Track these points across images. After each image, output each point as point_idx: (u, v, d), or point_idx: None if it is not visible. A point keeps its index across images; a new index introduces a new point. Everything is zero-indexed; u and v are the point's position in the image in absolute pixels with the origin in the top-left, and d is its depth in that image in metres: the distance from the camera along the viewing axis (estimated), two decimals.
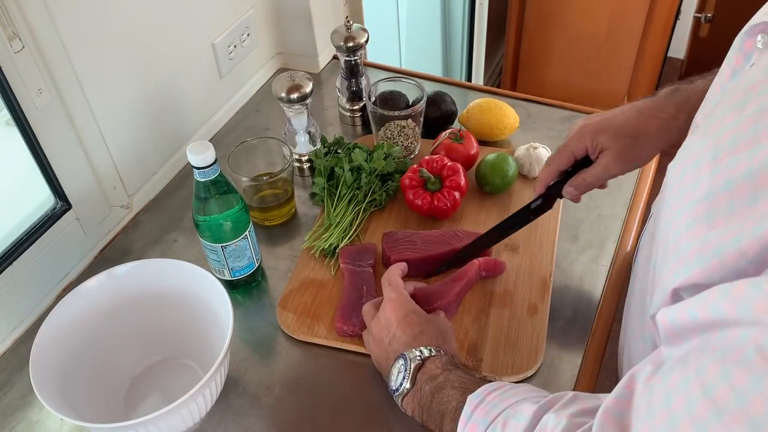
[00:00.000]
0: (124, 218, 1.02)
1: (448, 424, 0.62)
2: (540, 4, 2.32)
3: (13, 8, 0.75)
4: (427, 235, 0.92)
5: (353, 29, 1.10)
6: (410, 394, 0.68)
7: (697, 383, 0.38)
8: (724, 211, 0.40)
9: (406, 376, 0.68)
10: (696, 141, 0.47)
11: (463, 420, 0.58)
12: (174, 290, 0.81)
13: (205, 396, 0.71)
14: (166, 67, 1.03)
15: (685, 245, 0.44)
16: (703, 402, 0.37)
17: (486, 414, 0.57)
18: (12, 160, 0.89)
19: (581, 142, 0.75)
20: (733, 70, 0.51)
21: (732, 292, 0.38)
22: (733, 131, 0.43)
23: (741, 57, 0.50)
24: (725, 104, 0.46)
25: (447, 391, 0.64)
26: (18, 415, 0.80)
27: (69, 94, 0.85)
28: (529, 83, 2.54)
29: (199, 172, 0.78)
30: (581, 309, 0.88)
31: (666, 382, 0.42)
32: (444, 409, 0.63)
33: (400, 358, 0.71)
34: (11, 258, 0.84)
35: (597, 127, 0.75)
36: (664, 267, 0.47)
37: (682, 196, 0.46)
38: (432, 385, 0.66)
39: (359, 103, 1.18)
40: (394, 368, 0.71)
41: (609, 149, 0.74)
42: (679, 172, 0.48)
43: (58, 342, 0.74)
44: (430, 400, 0.65)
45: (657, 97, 0.75)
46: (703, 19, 2.32)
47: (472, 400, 0.59)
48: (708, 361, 0.38)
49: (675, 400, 0.39)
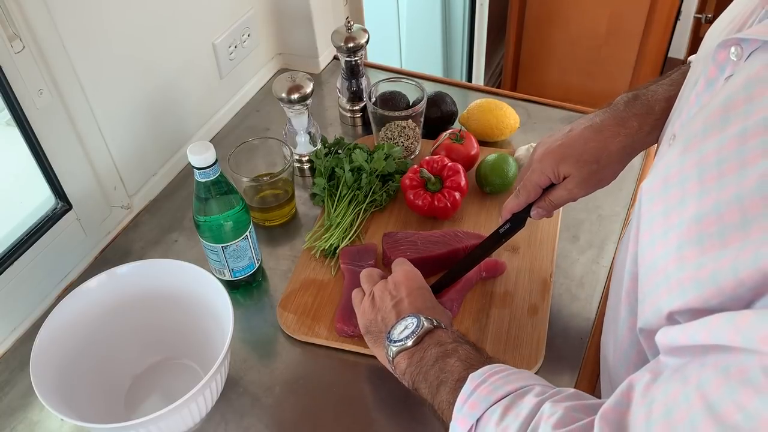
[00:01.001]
0: (124, 218, 1.02)
1: (444, 394, 0.61)
2: (540, 5, 2.32)
3: (14, 9, 0.75)
4: (427, 236, 0.92)
5: (354, 30, 1.10)
6: (408, 352, 0.67)
7: (700, 398, 0.38)
8: (715, 236, 0.41)
9: (413, 334, 0.67)
10: (675, 157, 0.47)
11: (463, 396, 0.58)
12: (174, 291, 0.81)
13: (205, 396, 0.71)
14: (166, 67, 1.03)
15: (675, 268, 0.44)
16: (707, 418, 0.37)
17: (488, 394, 0.57)
18: (12, 161, 0.89)
19: (543, 174, 0.75)
20: (708, 80, 0.51)
21: (736, 321, 0.38)
22: (717, 151, 0.43)
23: (715, 68, 0.50)
24: (703, 118, 0.46)
25: (452, 360, 0.63)
26: (18, 416, 0.81)
27: (69, 94, 0.86)
28: (529, 83, 2.54)
29: (200, 172, 0.78)
30: (581, 309, 0.88)
31: (666, 394, 0.42)
32: (444, 377, 0.62)
33: (413, 317, 0.70)
34: (12, 258, 0.84)
35: (558, 156, 0.74)
36: (652, 287, 0.47)
37: (667, 214, 0.46)
38: (438, 350, 0.65)
39: (359, 104, 1.18)
40: (401, 323, 0.70)
41: (572, 176, 0.74)
42: (660, 189, 0.48)
43: (58, 342, 0.74)
44: (432, 364, 0.64)
45: (616, 109, 0.73)
46: (704, 19, 2.32)
47: (474, 379, 0.59)
48: (710, 377, 0.39)
49: (676, 414, 0.39)
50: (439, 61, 2.25)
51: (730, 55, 0.48)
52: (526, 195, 0.78)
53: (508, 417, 0.54)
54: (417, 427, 0.78)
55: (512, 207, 0.80)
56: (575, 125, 0.75)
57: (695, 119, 0.48)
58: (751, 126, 0.41)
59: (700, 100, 0.52)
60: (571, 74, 2.45)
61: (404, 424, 0.78)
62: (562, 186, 0.75)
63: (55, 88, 0.83)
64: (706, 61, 0.52)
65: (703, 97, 0.51)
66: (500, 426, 0.53)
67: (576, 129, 0.74)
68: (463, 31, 2.18)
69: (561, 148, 0.74)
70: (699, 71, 0.54)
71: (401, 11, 1.88)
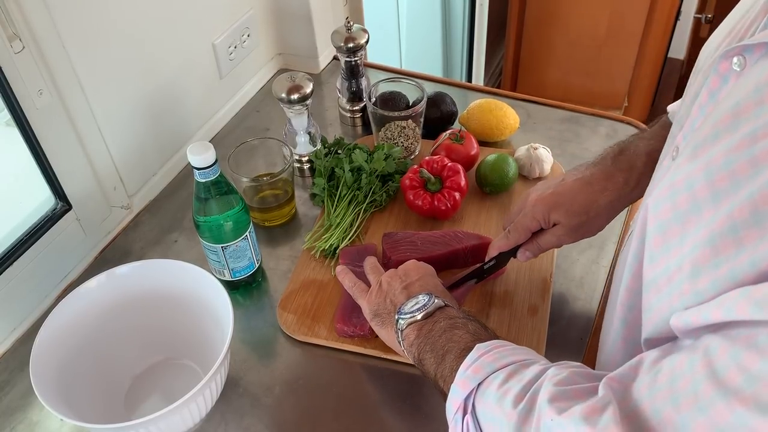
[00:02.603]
0: (124, 219, 1.02)
1: (449, 362, 0.62)
2: (540, 5, 2.32)
3: (14, 9, 0.75)
4: (427, 236, 0.92)
5: (353, 30, 1.10)
6: (417, 324, 0.69)
7: (704, 364, 0.39)
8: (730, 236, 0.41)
9: (424, 307, 0.69)
10: (683, 164, 0.48)
11: (467, 362, 0.59)
12: (174, 291, 0.81)
13: (205, 396, 0.71)
14: (166, 67, 1.03)
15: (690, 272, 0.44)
16: (708, 382, 0.38)
17: (493, 361, 0.58)
18: (12, 161, 0.89)
19: (534, 219, 0.79)
20: (710, 92, 0.52)
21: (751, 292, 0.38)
22: (726, 153, 0.43)
23: (717, 79, 0.51)
24: (712, 125, 0.46)
25: (460, 332, 0.65)
26: (18, 416, 0.81)
27: (69, 94, 0.86)
28: (529, 84, 2.55)
29: (200, 172, 0.78)
30: (581, 309, 0.88)
31: (672, 363, 0.42)
32: (451, 347, 0.63)
33: (425, 294, 0.71)
34: (12, 258, 0.84)
35: (550, 204, 0.77)
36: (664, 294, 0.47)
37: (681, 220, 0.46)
38: (448, 323, 0.67)
39: (359, 104, 1.18)
40: (413, 300, 0.71)
41: (561, 224, 0.78)
42: (667, 195, 0.48)
43: (58, 342, 0.74)
44: (440, 334, 0.66)
45: (604, 164, 0.77)
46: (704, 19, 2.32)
47: (480, 348, 0.60)
48: (716, 344, 0.39)
49: (680, 382, 0.40)
50: (439, 61, 2.25)
51: (733, 65, 0.48)
52: (516, 237, 0.81)
53: (511, 381, 0.54)
54: (417, 426, 0.78)
55: (501, 246, 0.83)
56: (567, 176, 0.79)
57: (702, 127, 0.48)
58: (761, 126, 0.41)
59: (704, 111, 0.52)
60: (571, 74, 2.45)
61: (404, 424, 0.78)
62: (551, 232, 0.79)
63: (55, 88, 0.83)
64: (707, 72, 0.52)
65: (707, 108, 0.52)
66: (502, 389, 0.54)
67: (568, 180, 0.78)
68: (463, 31, 2.18)
69: (553, 196, 0.78)
70: (699, 84, 0.54)
71: (401, 11, 1.88)
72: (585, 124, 1.15)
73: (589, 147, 1.11)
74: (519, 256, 0.83)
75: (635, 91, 2.42)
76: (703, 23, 2.33)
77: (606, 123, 1.15)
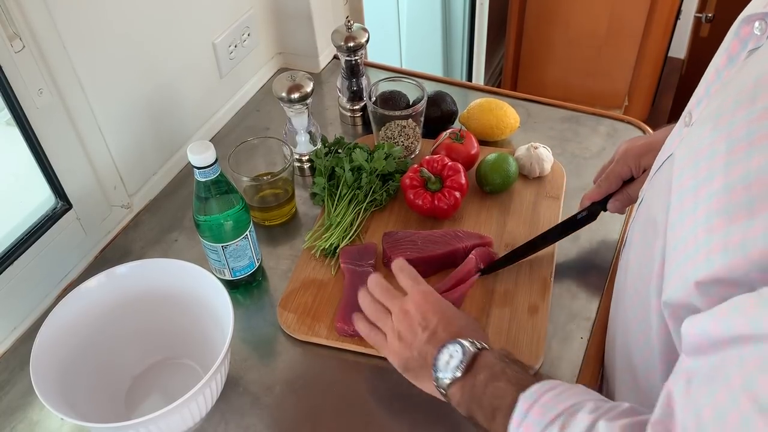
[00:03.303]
0: (124, 218, 1.02)
1: (500, 418, 0.59)
2: (540, 4, 2.32)
3: (14, 8, 0.75)
4: (427, 235, 0.92)
5: (354, 29, 1.10)
6: (459, 382, 0.64)
7: (748, 399, 0.38)
8: (743, 206, 0.41)
9: (461, 363, 0.64)
10: (707, 133, 0.48)
11: (517, 419, 0.57)
12: (174, 290, 0.81)
13: (205, 396, 0.71)
14: (166, 66, 1.03)
15: (704, 239, 0.44)
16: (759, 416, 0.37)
17: (542, 415, 0.55)
18: (12, 160, 0.89)
19: (626, 165, 0.82)
20: (730, 56, 0.52)
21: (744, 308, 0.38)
22: (746, 124, 0.43)
23: (737, 43, 0.51)
24: (731, 94, 0.46)
25: (502, 384, 0.61)
26: (18, 415, 0.81)
27: (69, 93, 0.86)
28: (529, 83, 2.54)
29: (200, 171, 0.78)
30: (581, 308, 0.88)
31: (712, 397, 0.41)
32: (498, 404, 0.60)
33: (455, 344, 0.66)
34: (12, 258, 0.84)
35: (640, 151, 0.80)
36: (681, 257, 0.48)
37: (696, 188, 0.47)
38: (488, 374, 0.63)
39: (360, 103, 1.18)
40: (444, 354, 0.66)
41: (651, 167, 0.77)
42: (691, 164, 0.49)
43: (58, 342, 0.74)
44: (483, 390, 0.62)
45: None
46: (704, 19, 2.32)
47: (525, 399, 0.57)
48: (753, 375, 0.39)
49: (729, 417, 0.39)
50: (439, 60, 2.25)
51: (754, 29, 0.49)
52: (607, 185, 0.84)
53: None
54: (417, 426, 0.78)
55: (593, 196, 0.86)
56: (659, 130, 0.82)
57: (726, 94, 0.48)
58: None
59: (721, 75, 0.52)
60: (571, 74, 2.45)
61: (404, 424, 0.78)
62: (640, 180, 0.81)
63: (55, 87, 0.83)
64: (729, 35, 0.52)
65: (724, 73, 0.52)
66: None
67: (659, 132, 0.80)
68: (463, 30, 2.18)
69: (644, 144, 0.81)
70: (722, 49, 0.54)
71: (401, 11, 1.88)
72: (585, 124, 1.15)
73: (590, 146, 1.11)
74: (609, 207, 0.85)
75: (635, 90, 2.42)
76: (704, 22, 2.32)
77: (606, 122, 1.15)
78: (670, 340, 0.55)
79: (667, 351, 0.57)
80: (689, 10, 2.40)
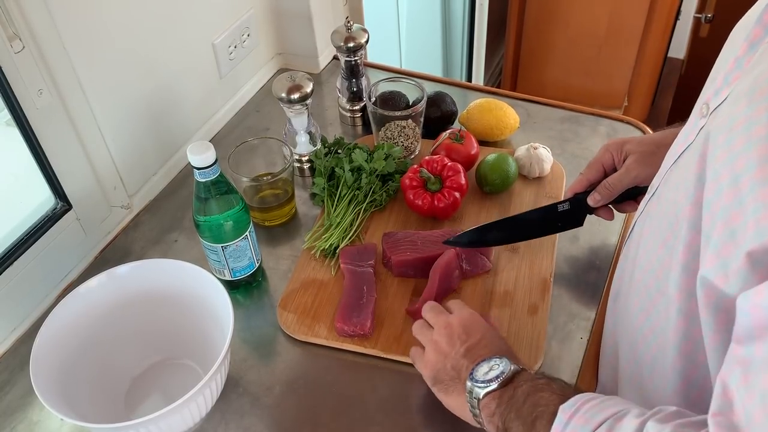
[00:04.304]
0: (124, 218, 1.02)
1: (540, 427, 0.58)
2: (540, 4, 2.32)
3: (14, 8, 0.75)
4: (427, 236, 0.92)
5: (353, 29, 1.10)
6: (497, 392, 0.63)
7: None
8: None
9: (502, 374, 0.64)
10: (742, 108, 0.48)
11: (558, 428, 0.55)
12: (174, 290, 0.81)
13: (205, 396, 0.71)
14: (166, 67, 1.03)
15: (752, 208, 0.44)
16: None
17: (585, 422, 0.54)
18: (12, 161, 0.89)
19: (608, 151, 0.84)
20: (750, 42, 0.51)
21: None
22: None
23: (760, 29, 0.51)
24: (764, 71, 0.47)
25: (546, 394, 0.60)
26: (18, 415, 0.81)
27: (69, 94, 0.86)
28: (529, 83, 2.54)
29: (200, 172, 0.78)
30: (581, 309, 0.88)
31: None
32: (540, 412, 0.59)
33: (499, 358, 0.66)
34: (12, 258, 0.84)
35: (623, 140, 0.84)
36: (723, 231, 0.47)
37: (733, 161, 0.47)
38: (529, 386, 0.62)
39: (359, 104, 1.18)
40: (485, 364, 0.66)
41: (632, 153, 0.81)
42: (725, 141, 0.49)
43: (58, 342, 0.74)
44: (523, 400, 0.61)
45: None
46: (704, 19, 2.32)
47: (565, 410, 0.56)
48: None
49: None
50: (439, 61, 2.25)
51: None
52: (588, 172, 0.86)
53: None
54: (417, 426, 0.78)
55: (575, 186, 0.87)
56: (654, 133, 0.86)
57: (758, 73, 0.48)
58: None
59: (741, 63, 0.52)
60: (571, 74, 2.45)
61: (404, 424, 0.78)
62: (620, 173, 0.82)
63: (55, 88, 0.83)
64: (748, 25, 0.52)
65: (744, 60, 0.51)
66: None
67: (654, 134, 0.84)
68: (463, 31, 2.18)
69: (627, 138, 0.85)
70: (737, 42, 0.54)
71: (401, 11, 1.88)
72: (585, 124, 1.15)
73: (589, 146, 1.11)
74: (589, 200, 0.85)
75: (635, 90, 2.42)
76: (703, 23, 2.32)
77: (606, 122, 1.15)
78: (690, 333, 0.54)
79: (685, 344, 0.56)
80: (689, 10, 2.40)
